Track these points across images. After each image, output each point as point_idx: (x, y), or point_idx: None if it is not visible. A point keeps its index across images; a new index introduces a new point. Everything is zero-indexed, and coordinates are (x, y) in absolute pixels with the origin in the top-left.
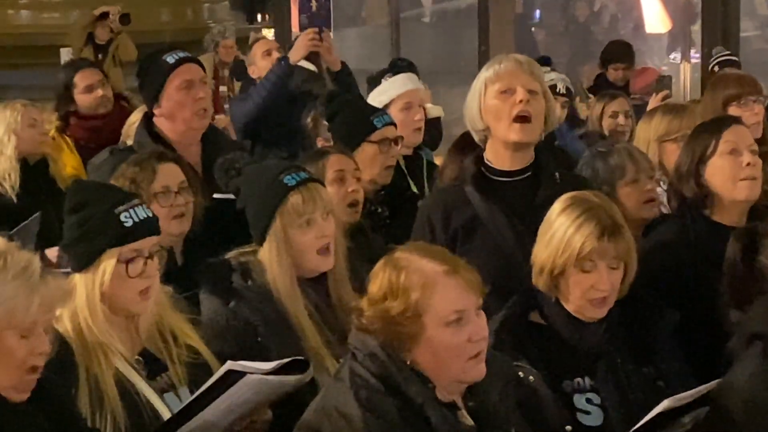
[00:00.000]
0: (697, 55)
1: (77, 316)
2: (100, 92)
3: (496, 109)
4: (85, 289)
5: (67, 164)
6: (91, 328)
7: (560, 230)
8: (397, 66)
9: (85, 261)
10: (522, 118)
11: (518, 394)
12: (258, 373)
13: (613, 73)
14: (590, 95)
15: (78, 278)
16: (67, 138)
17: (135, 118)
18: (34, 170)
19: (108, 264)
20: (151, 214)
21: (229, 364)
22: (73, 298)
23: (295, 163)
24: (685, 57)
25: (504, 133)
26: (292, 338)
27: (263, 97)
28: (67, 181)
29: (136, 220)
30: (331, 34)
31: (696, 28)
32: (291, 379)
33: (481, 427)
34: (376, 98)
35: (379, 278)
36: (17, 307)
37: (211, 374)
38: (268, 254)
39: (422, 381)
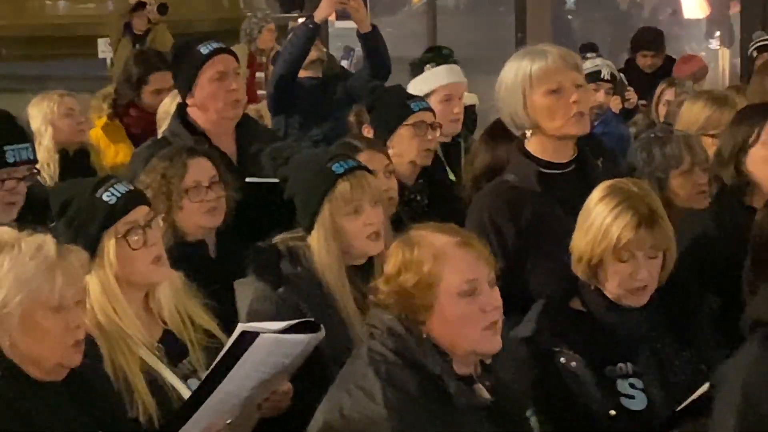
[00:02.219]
0: (736, 40)
1: (94, 311)
2: (166, 98)
3: (548, 108)
4: (98, 280)
5: (120, 152)
6: (111, 320)
7: (598, 219)
8: (441, 55)
9: (87, 251)
10: (577, 114)
11: (560, 379)
12: (271, 332)
13: (642, 60)
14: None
15: (88, 276)
16: (120, 125)
17: (169, 102)
18: (74, 160)
19: (109, 245)
20: (132, 187)
21: (242, 326)
22: (88, 294)
23: (343, 150)
24: (724, 42)
25: (559, 130)
26: (339, 325)
27: (289, 55)
28: (108, 171)
29: (119, 194)
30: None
31: (734, 12)
32: (304, 337)
33: (498, 402)
34: (417, 87)
35: (393, 256)
36: (41, 285)
37: None
38: (316, 242)
39: (439, 353)
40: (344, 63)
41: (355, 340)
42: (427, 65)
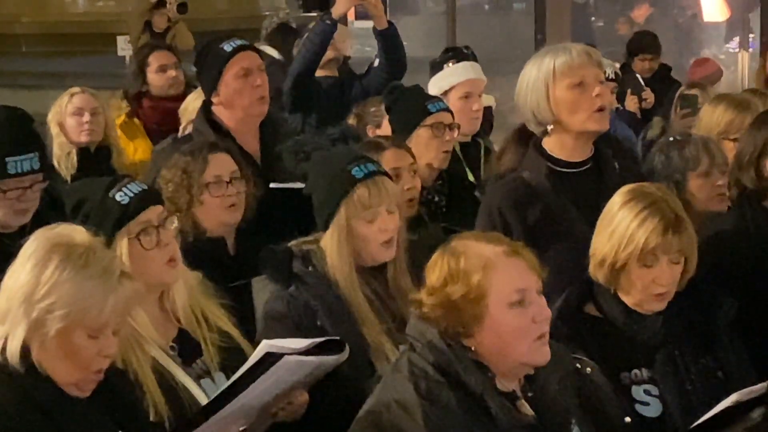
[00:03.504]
0: (756, 43)
1: None
2: (173, 73)
3: (571, 101)
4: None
5: (139, 149)
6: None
7: (623, 224)
8: (461, 54)
9: None
10: (599, 110)
11: (577, 385)
12: (295, 354)
13: (639, 64)
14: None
15: None
16: (138, 122)
17: (192, 99)
18: (96, 158)
19: (122, 245)
20: (146, 187)
21: (266, 345)
22: None
23: (365, 151)
24: (743, 45)
25: (581, 124)
26: (351, 324)
27: (307, 52)
28: (130, 171)
29: (131, 195)
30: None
31: (754, 15)
32: (328, 359)
33: (541, 416)
34: (436, 84)
35: (437, 267)
36: (92, 307)
37: (244, 358)
38: (329, 242)
39: (481, 370)
40: (377, 62)
41: (367, 339)
42: (447, 63)
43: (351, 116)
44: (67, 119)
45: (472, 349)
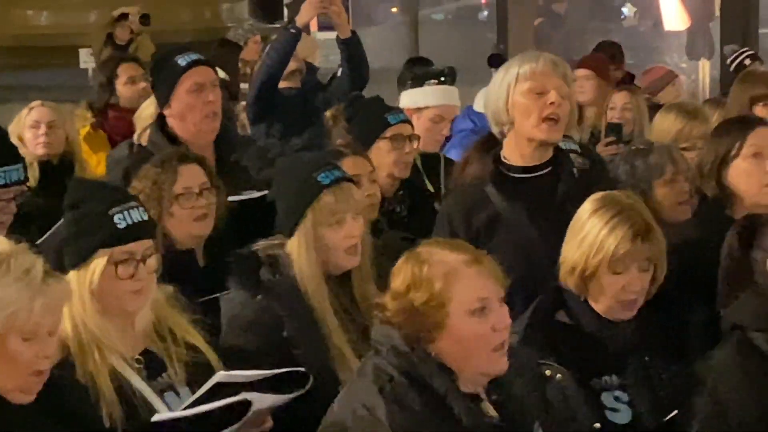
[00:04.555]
0: (716, 52)
1: (71, 315)
2: (142, 84)
3: (525, 106)
4: (77, 287)
5: (102, 161)
6: (85, 324)
7: (593, 231)
8: (444, 75)
9: (77, 259)
10: (551, 120)
11: (546, 392)
12: (249, 383)
13: None
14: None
15: (72, 275)
16: (102, 134)
17: (146, 105)
18: (58, 171)
19: (98, 264)
20: (146, 217)
21: (218, 376)
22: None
23: (329, 158)
24: (704, 54)
25: (530, 131)
26: (317, 334)
27: (272, 62)
28: None
29: (130, 222)
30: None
31: (715, 24)
32: (289, 398)
33: (505, 419)
34: (412, 98)
35: (401, 272)
36: (19, 310)
37: (212, 372)
38: (296, 249)
39: (445, 372)
40: (340, 72)
41: (332, 350)
42: (429, 81)
43: (328, 114)
44: (25, 132)
45: (434, 354)
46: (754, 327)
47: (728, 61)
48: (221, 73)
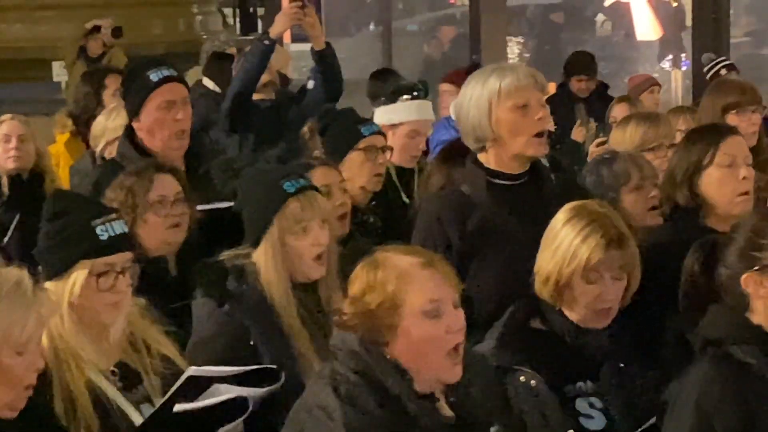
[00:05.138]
0: (688, 61)
1: (50, 324)
2: None
3: (513, 124)
4: (55, 298)
5: None
6: (62, 336)
7: (566, 241)
8: (417, 89)
9: (57, 269)
10: (540, 135)
11: (510, 396)
12: (222, 379)
13: (576, 84)
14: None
15: (49, 286)
16: (82, 142)
17: (98, 122)
18: (29, 185)
19: (79, 275)
20: (127, 230)
21: (190, 371)
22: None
23: (295, 169)
24: (676, 64)
25: (522, 148)
26: (284, 343)
27: (245, 73)
28: None
29: (112, 234)
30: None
31: (686, 34)
32: (260, 391)
33: (461, 419)
34: (386, 114)
35: (358, 278)
36: (14, 324)
37: None
38: (263, 258)
39: (400, 373)
40: (310, 83)
41: (299, 358)
42: (402, 97)
43: (305, 128)
44: None
45: (389, 357)
46: (730, 341)
47: (705, 69)
48: (209, 83)
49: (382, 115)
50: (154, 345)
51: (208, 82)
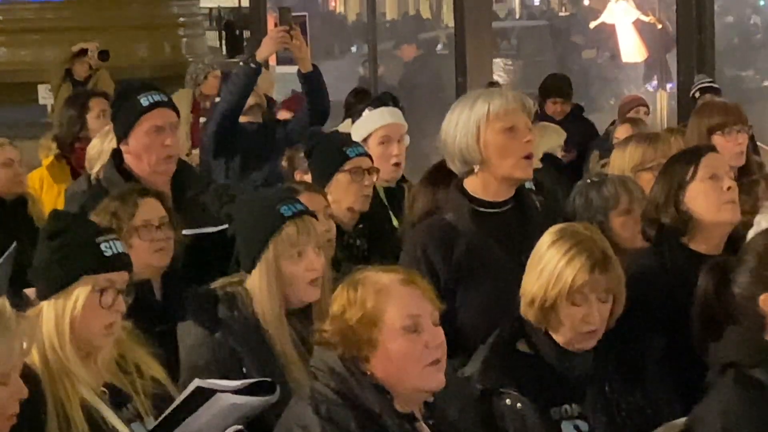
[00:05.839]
0: (673, 83)
1: (43, 344)
2: None
3: (502, 146)
4: (54, 316)
5: (62, 192)
6: (57, 355)
7: (551, 263)
8: (380, 100)
9: (58, 286)
10: (527, 158)
11: (493, 419)
12: (227, 391)
13: (552, 107)
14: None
15: (46, 305)
16: (65, 165)
17: (94, 144)
18: (12, 209)
19: (82, 291)
20: (126, 251)
21: (198, 382)
22: (40, 325)
23: (291, 194)
24: (661, 85)
25: (508, 170)
26: (276, 369)
27: (232, 96)
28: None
29: (116, 251)
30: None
31: (671, 56)
32: (259, 400)
33: None
34: (356, 132)
35: (338, 297)
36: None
37: None
38: (257, 282)
39: (380, 392)
40: None
41: (291, 384)
42: (365, 110)
43: (283, 158)
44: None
45: (369, 374)
46: (750, 363)
47: (693, 87)
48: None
49: (355, 132)
50: (144, 366)
51: None
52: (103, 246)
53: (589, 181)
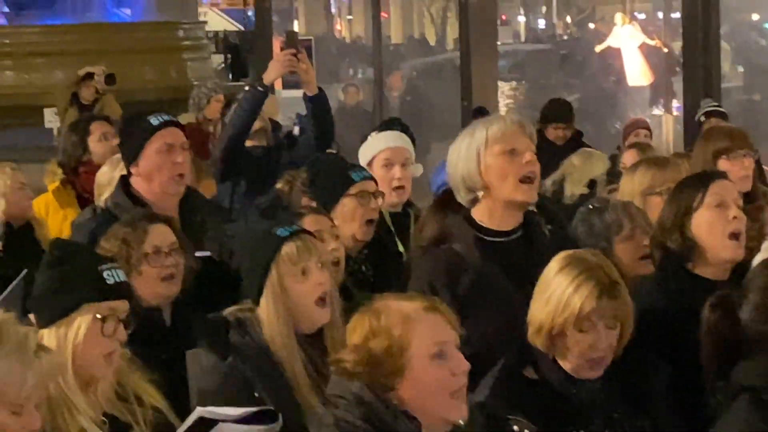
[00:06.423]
0: (679, 106)
1: None
2: (115, 141)
3: (501, 168)
4: (56, 345)
5: (69, 216)
6: (57, 384)
7: (558, 290)
8: (387, 124)
9: (59, 314)
10: (528, 179)
11: None
12: (229, 420)
13: (553, 132)
14: None
15: (47, 334)
16: (71, 190)
17: (104, 172)
18: (19, 234)
19: (84, 319)
20: (127, 280)
21: (200, 411)
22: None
23: (286, 218)
24: (667, 109)
25: (509, 193)
26: (288, 393)
27: (238, 119)
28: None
29: (118, 280)
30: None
31: (677, 79)
32: (261, 429)
33: None
34: (361, 155)
35: (358, 326)
36: (11, 384)
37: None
38: (265, 308)
39: (410, 419)
40: (296, 129)
41: (304, 408)
42: (371, 133)
43: (281, 182)
44: (13, 194)
45: (395, 402)
46: (765, 388)
47: (699, 111)
48: None
49: (360, 155)
50: (144, 395)
51: None
52: (105, 274)
53: (591, 206)
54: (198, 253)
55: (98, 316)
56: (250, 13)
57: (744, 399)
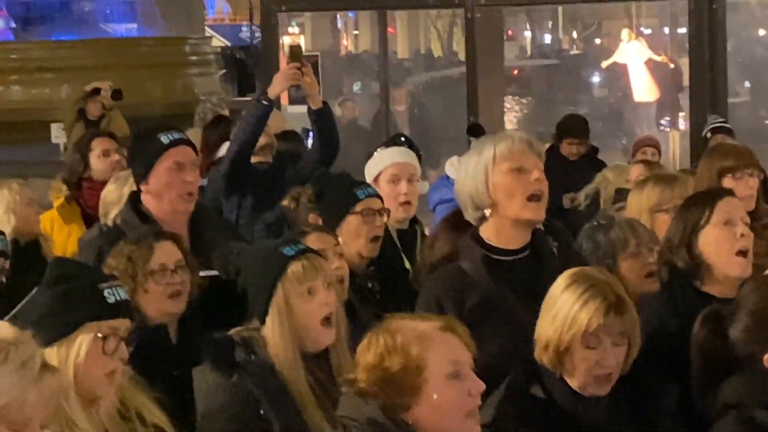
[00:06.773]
0: (686, 122)
1: None
2: (116, 157)
3: (508, 186)
4: (57, 364)
5: (73, 233)
6: (59, 404)
7: (565, 306)
8: (393, 140)
9: (60, 333)
10: (536, 197)
11: None
12: None
13: (567, 148)
14: None
15: (48, 353)
16: (75, 206)
17: (111, 190)
18: (26, 250)
19: (85, 338)
20: (129, 298)
21: None
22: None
23: (291, 236)
24: (674, 125)
25: (517, 212)
26: (294, 412)
27: (244, 134)
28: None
29: (119, 298)
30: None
31: (684, 96)
32: None
33: None
34: (367, 171)
35: (372, 345)
36: (11, 402)
37: None
38: (271, 327)
39: None
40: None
41: (312, 425)
42: (378, 149)
43: (287, 199)
44: (22, 210)
45: (410, 423)
46: (754, 404)
47: (705, 128)
48: None
49: (366, 172)
50: (146, 413)
51: None
52: (106, 293)
53: (596, 223)
54: (203, 273)
55: (99, 335)
56: (245, 29)
57: (731, 416)
